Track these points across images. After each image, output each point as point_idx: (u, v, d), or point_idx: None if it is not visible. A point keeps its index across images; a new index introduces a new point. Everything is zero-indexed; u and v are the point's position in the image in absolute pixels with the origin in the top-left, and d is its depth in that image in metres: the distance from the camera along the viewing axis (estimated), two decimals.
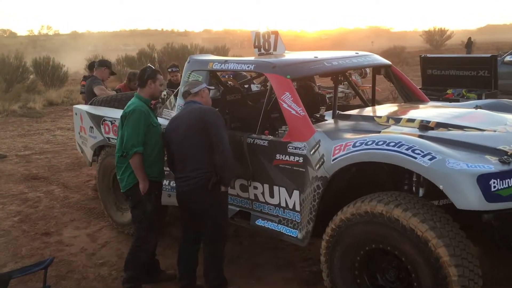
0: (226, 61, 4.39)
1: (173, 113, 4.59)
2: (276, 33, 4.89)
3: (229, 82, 5.33)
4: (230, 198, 4.23)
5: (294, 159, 3.67)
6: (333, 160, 3.30)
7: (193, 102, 3.87)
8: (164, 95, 5.88)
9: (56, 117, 14.34)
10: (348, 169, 3.32)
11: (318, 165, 3.44)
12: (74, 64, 23.94)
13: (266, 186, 3.96)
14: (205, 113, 3.72)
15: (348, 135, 3.50)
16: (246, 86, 5.61)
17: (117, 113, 5.24)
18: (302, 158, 3.61)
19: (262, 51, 4.88)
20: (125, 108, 4.01)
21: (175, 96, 4.84)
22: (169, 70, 7.54)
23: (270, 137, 3.90)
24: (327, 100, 5.55)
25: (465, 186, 2.72)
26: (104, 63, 7.03)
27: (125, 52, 24.19)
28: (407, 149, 2.94)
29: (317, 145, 3.51)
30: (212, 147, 3.67)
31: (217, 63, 4.44)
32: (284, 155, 3.74)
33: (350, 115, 4.03)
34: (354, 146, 3.19)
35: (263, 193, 4.00)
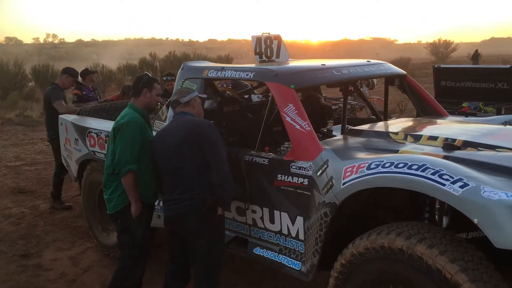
0: (223, 69, 3.93)
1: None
2: (278, 38, 4.44)
3: (227, 92, 4.87)
4: (226, 223, 3.76)
5: (298, 181, 3.19)
6: (344, 184, 2.82)
7: (183, 113, 3.39)
8: (158, 105, 5.44)
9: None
10: (361, 193, 2.85)
11: (325, 189, 2.96)
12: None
13: (266, 210, 3.48)
14: (199, 126, 3.25)
15: (361, 155, 3.02)
16: (246, 96, 5.16)
17: (103, 124, 4.81)
18: (307, 180, 3.13)
19: (264, 58, 4.44)
20: (117, 119, 3.56)
21: (167, 106, 4.38)
22: (165, 78, 7.12)
23: (271, 155, 3.43)
24: (334, 113, 5.10)
25: (506, 220, 2.23)
26: (66, 71, 6.56)
27: (126, 61, 23.86)
28: (433, 174, 2.46)
29: (325, 166, 3.03)
30: (207, 165, 3.21)
31: (213, 71, 3.99)
32: (286, 176, 3.27)
33: (361, 131, 3.55)
34: (368, 168, 2.71)
35: (262, 218, 3.52)
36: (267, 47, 4.44)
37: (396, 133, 3.33)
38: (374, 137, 3.39)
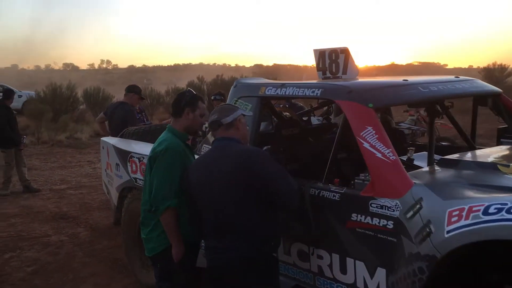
0: (283, 85, 3.36)
1: None
2: (346, 52, 3.83)
3: (285, 113, 4.29)
4: (284, 267, 3.14)
5: (379, 223, 2.54)
6: (449, 232, 2.14)
7: (226, 139, 2.75)
8: (205, 127, 4.93)
9: (100, 148, 13.80)
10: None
11: (420, 237, 2.29)
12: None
13: (336, 256, 2.83)
14: (249, 158, 2.62)
15: (468, 193, 2.34)
16: (305, 118, 4.56)
17: (147, 149, 4.32)
18: (392, 222, 2.48)
19: (328, 74, 3.85)
20: (154, 145, 3.03)
21: None
22: (213, 98, 6.64)
23: (343, 189, 2.80)
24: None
25: None
26: (132, 89, 6.38)
27: (174, 84, 23.96)
28: None
29: (418, 206, 2.37)
30: (263, 204, 2.61)
31: (271, 88, 3.43)
32: (363, 216, 2.62)
33: (458, 161, 2.86)
34: (486, 213, 2.03)
35: (330, 266, 2.88)
36: (332, 62, 3.84)
37: (507, 165, 2.61)
38: (476, 169, 2.69)
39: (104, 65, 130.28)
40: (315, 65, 3.94)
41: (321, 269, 2.94)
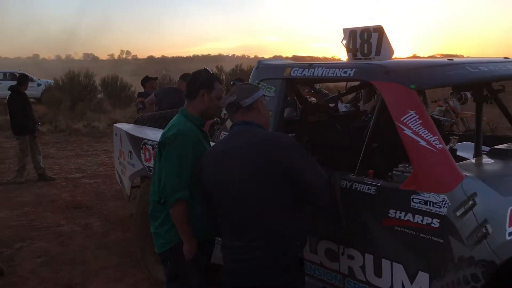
0: (310, 66, 3.03)
1: None
2: (380, 31, 3.47)
3: (312, 98, 3.94)
4: (311, 268, 2.83)
5: (422, 221, 2.21)
6: (511, 234, 1.80)
7: (247, 123, 2.39)
8: (225, 114, 4.63)
9: (113, 135, 13.64)
10: None
11: (474, 238, 1.96)
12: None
13: (369, 257, 2.51)
14: (275, 145, 2.27)
15: None
16: (331, 105, 4.22)
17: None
18: (438, 221, 2.14)
19: (359, 56, 3.49)
20: (164, 130, 2.73)
21: None
22: (232, 83, 6.35)
23: (380, 182, 2.47)
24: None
25: None
26: (184, 77, 6.43)
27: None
28: None
29: (471, 202, 2.03)
30: (290, 198, 2.29)
31: (297, 69, 3.10)
32: (403, 213, 2.30)
33: (509, 151, 2.50)
34: None
35: (363, 267, 2.56)
36: (363, 42, 3.47)
37: None
38: None
39: (124, 56, 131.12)
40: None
41: (352, 270, 2.62)
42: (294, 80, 3.23)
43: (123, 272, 4.54)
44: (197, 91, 2.70)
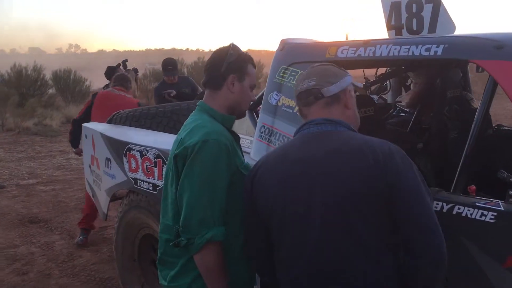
0: (367, 43, 2.26)
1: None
2: (435, 1, 2.74)
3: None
4: None
5: None
6: None
7: (330, 123, 1.62)
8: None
9: (82, 137, 12.41)
10: None
11: None
12: (100, 79, 22.30)
13: None
14: (385, 158, 1.47)
15: None
16: None
17: (152, 138, 3.18)
18: None
19: (405, 33, 2.76)
20: (181, 135, 1.83)
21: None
22: None
23: (499, 204, 1.73)
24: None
25: None
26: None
27: (152, 67, 22.45)
28: None
29: None
30: (387, 242, 1.50)
31: (347, 48, 2.32)
32: None
33: None
34: None
35: None
36: (411, 16, 2.75)
37: None
38: None
39: (73, 50, 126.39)
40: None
41: None
42: (341, 64, 2.43)
43: None
44: (223, 77, 1.86)
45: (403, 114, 3.56)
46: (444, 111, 3.11)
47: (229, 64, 1.86)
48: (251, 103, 2.00)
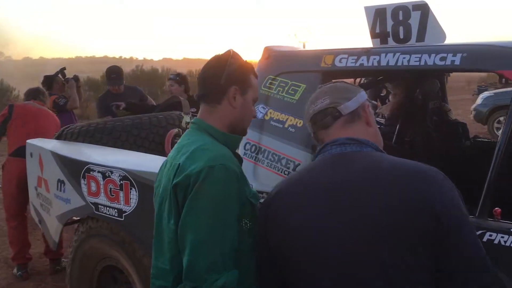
0: (369, 52, 2.07)
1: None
2: (423, 8, 2.62)
3: None
4: None
5: None
6: None
7: (354, 142, 1.38)
8: (187, 122, 3.51)
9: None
10: None
11: None
12: (26, 88, 20.96)
13: None
14: (430, 188, 1.24)
15: None
16: None
17: (115, 156, 2.82)
18: None
19: (391, 41, 2.62)
20: (178, 158, 1.52)
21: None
22: (172, 77, 5.14)
23: None
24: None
25: None
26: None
27: (87, 75, 21.38)
28: None
29: None
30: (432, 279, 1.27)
31: (346, 57, 2.11)
32: None
33: None
34: None
35: None
36: (397, 24, 2.61)
37: None
38: None
39: None
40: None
41: None
42: (339, 74, 2.22)
43: None
44: (223, 90, 1.58)
45: (379, 126, 3.44)
46: (428, 123, 3.01)
47: (230, 74, 1.58)
48: (253, 118, 1.73)
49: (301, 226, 1.32)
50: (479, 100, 11.07)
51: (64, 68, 6.32)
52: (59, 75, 6.05)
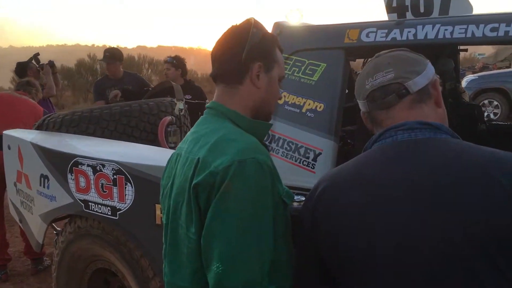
0: (402, 24, 1.82)
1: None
2: None
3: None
4: None
5: None
6: None
7: (426, 127, 1.11)
8: (180, 109, 3.22)
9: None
10: None
11: None
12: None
13: None
14: None
15: None
16: None
17: (106, 148, 2.53)
18: None
19: (410, 16, 2.40)
20: (196, 152, 1.23)
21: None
22: (169, 60, 4.82)
23: None
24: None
25: None
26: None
27: (60, 63, 20.66)
28: None
29: None
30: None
31: (373, 30, 1.87)
32: None
33: None
34: None
35: None
36: None
37: None
38: None
39: None
40: (201, 47, 2.45)
41: None
42: (367, 50, 1.97)
43: None
44: (245, 67, 1.31)
45: None
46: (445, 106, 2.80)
47: (252, 48, 1.31)
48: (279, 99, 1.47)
49: (362, 232, 1.07)
50: (463, 83, 11.04)
51: (37, 54, 5.92)
52: (33, 61, 5.67)
